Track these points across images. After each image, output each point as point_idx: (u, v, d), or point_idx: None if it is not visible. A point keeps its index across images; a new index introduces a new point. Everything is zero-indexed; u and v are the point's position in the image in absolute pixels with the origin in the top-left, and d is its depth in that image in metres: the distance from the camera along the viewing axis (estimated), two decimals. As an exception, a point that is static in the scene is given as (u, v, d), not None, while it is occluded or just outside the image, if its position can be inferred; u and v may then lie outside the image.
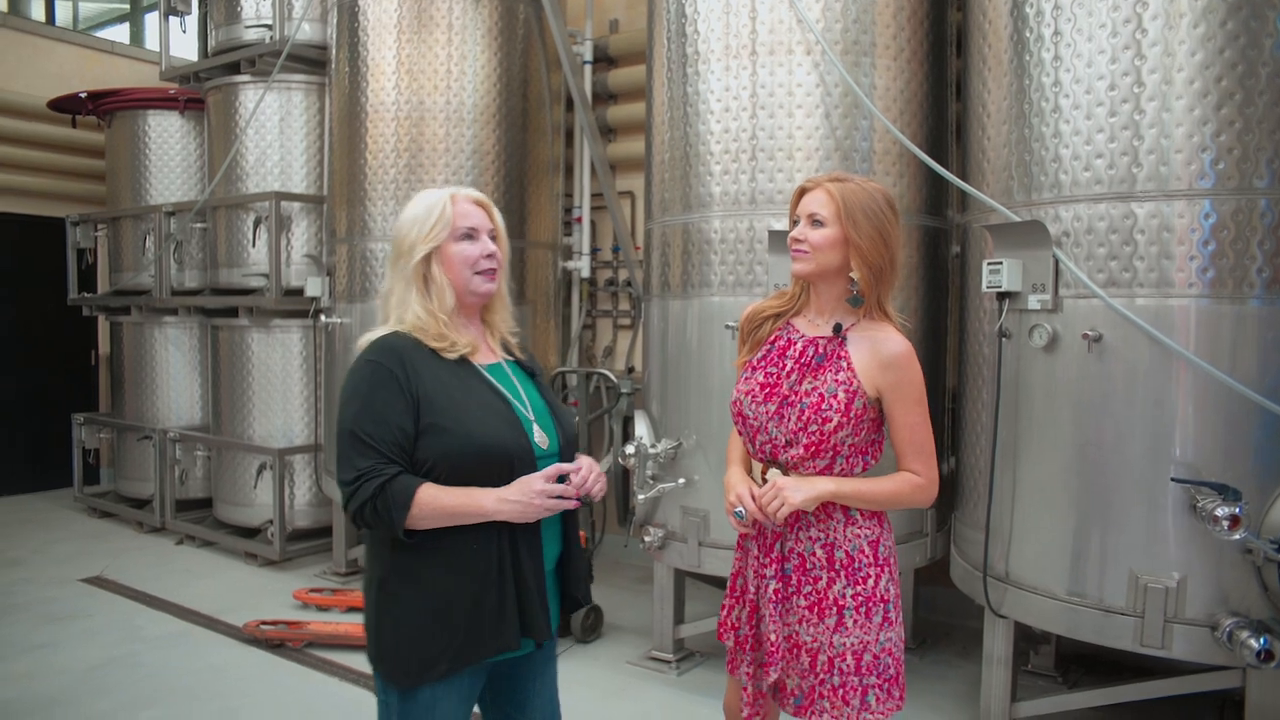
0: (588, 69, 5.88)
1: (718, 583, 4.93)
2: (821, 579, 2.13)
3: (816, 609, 2.13)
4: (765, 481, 2.16)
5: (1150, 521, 3.01)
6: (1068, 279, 3.14)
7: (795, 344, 2.21)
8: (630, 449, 4.06)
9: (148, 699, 4.00)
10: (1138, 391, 3.02)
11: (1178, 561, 2.97)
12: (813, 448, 2.11)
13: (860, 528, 2.14)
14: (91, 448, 7.59)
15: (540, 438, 2.03)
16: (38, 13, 8.77)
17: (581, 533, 4.67)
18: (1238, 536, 2.76)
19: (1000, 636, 3.47)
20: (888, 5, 3.84)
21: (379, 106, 5.27)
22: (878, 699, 2.12)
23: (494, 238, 2.08)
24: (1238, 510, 2.74)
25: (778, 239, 3.74)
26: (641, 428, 4.20)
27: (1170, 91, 2.96)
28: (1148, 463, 3.01)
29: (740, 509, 2.16)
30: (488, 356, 2.10)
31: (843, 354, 2.12)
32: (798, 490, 2.07)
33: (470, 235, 2.03)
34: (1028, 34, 3.28)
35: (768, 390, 2.19)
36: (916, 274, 3.97)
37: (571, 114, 5.89)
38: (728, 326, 3.85)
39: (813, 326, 2.22)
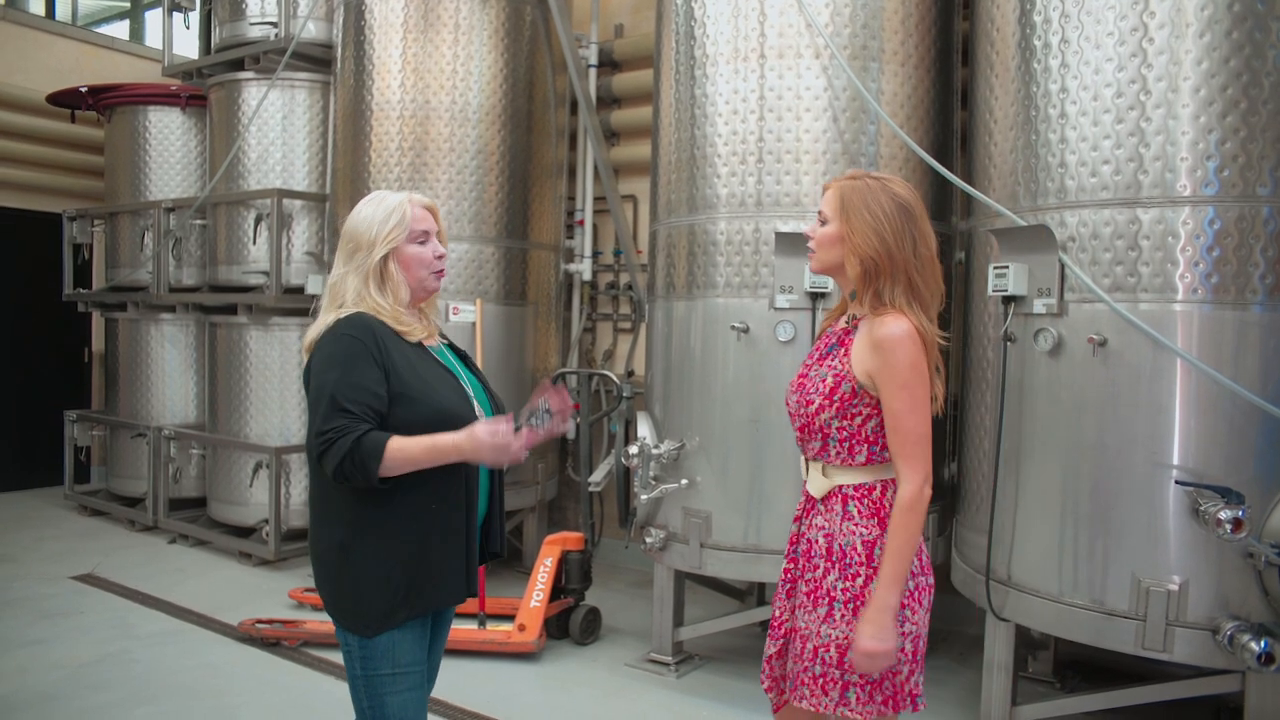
0: (592, 72, 5.90)
1: (718, 585, 4.93)
2: (820, 567, 2.17)
3: (812, 596, 2.18)
4: (808, 473, 2.25)
5: (1153, 525, 3.03)
6: (1073, 283, 3.16)
7: (827, 338, 2.28)
8: (634, 449, 4.06)
9: (143, 695, 3.97)
10: (1141, 396, 3.05)
11: (1179, 565, 2.99)
12: (804, 429, 2.21)
13: (856, 524, 2.13)
14: (83, 445, 7.54)
15: (479, 410, 2.32)
16: (37, 7, 8.74)
17: (581, 535, 4.72)
18: (1240, 539, 2.79)
19: (1001, 641, 3.47)
20: (896, 12, 3.87)
21: (384, 105, 5.27)
22: (858, 698, 2.13)
23: (440, 240, 2.33)
24: (1241, 514, 2.76)
25: (784, 241, 3.76)
26: (644, 428, 4.20)
27: (1176, 99, 3.00)
28: (1150, 467, 3.03)
29: None
30: (432, 341, 2.34)
31: (847, 342, 2.17)
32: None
33: (423, 239, 2.25)
34: (1036, 41, 3.31)
35: (799, 381, 2.27)
36: (920, 279, 3.98)
37: (575, 117, 5.91)
38: (733, 327, 3.86)
39: (843, 322, 2.28)
